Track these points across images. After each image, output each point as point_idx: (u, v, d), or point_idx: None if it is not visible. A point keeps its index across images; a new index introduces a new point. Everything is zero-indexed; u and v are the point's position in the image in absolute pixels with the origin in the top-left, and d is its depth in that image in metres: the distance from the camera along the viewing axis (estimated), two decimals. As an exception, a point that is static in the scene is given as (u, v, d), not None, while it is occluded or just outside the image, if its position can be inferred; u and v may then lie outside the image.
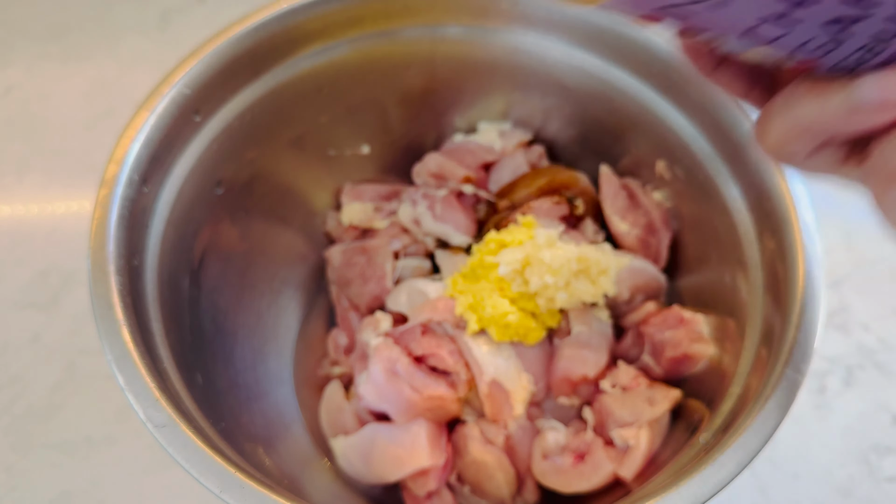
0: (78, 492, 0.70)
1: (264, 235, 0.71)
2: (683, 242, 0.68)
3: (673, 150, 0.64)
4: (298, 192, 0.74)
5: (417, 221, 0.73)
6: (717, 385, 0.56)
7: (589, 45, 0.65)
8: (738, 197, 0.59)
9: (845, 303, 0.80)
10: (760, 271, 0.56)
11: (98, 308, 0.47)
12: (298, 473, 0.61)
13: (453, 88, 0.73)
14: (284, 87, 0.65)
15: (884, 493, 0.70)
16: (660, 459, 0.56)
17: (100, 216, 0.51)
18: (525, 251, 0.59)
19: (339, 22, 0.64)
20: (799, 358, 0.48)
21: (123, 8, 1.08)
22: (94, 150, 0.93)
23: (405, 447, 0.59)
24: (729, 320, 0.58)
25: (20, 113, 0.97)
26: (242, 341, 0.67)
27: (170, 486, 0.70)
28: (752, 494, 0.70)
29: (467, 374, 0.61)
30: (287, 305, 0.75)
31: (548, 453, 0.59)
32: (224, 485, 0.43)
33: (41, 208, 0.89)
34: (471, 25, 0.67)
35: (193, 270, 0.61)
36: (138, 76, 1.00)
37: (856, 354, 0.77)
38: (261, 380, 0.68)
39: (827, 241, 0.86)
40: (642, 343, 0.63)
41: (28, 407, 0.74)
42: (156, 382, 0.46)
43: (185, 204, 0.59)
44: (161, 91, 0.56)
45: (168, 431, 0.44)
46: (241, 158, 0.65)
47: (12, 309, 0.81)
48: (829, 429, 0.73)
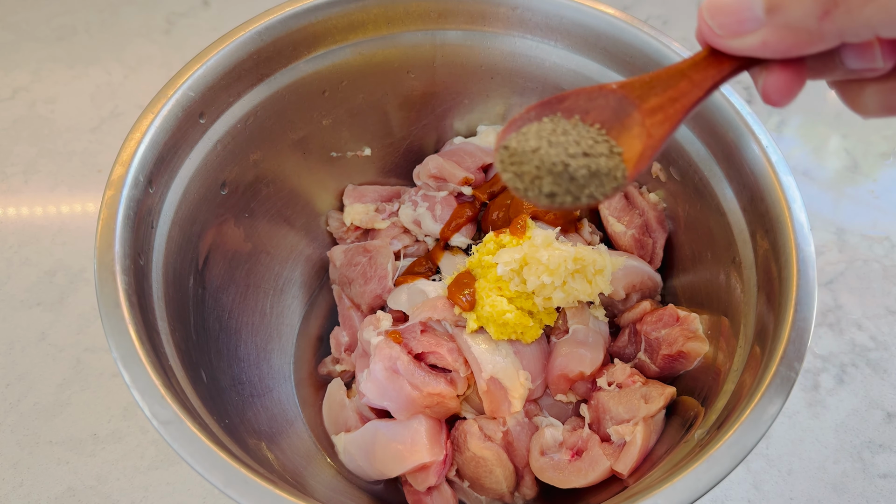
0: (84, 488, 0.71)
1: (268, 235, 0.72)
2: (678, 242, 0.69)
3: (668, 151, 0.65)
4: (301, 194, 0.75)
5: (418, 222, 0.74)
6: (712, 382, 0.57)
7: (586, 50, 0.66)
8: (733, 198, 0.59)
9: (838, 301, 0.81)
10: (754, 271, 0.56)
11: (104, 307, 0.48)
12: (301, 469, 0.62)
13: (453, 92, 0.74)
14: (287, 91, 0.66)
15: (877, 489, 0.70)
16: (655, 455, 0.56)
17: (106, 217, 0.51)
18: (523, 251, 0.60)
19: (341, 26, 0.65)
20: (792, 356, 0.48)
21: (129, 12, 1.09)
22: (100, 152, 0.95)
23: (406, 443, 0.60)
24: (723, 319, 0.59)
25: (27, 115, 0.98)
26: (246, 339, 0.68)
27: (175, 481, 0.71)
28: (747, 490, 0.70)
29: (466, 372, 0.62)
30: (290, 304, 0.76)
31: (545, 449, 0.60)
32: (228, 480, 0.43)
33: (48, 209, 0.90)
34: (470, 30, 0.68)
35: (198, 270, 0.62)
36: (144, 79, 1.02)
37: (849, 352, 0.78)
38: (264, 377, 0.68)
39: (820, 240, 0.87)
40: (638, 341, 0.64)
41: (35, 404, 0.75)
42: (161, 380, 0.46)
43: (190, 204, 0.60)
44: (166, 94, 0.56)
45: (173, 428, 0.44)
46: (245, 160, 0.66)
47: (20, 308, 0.82)
48: (823, 426, 0.74)
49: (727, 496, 0.70)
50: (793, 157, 0.93)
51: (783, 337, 0.49)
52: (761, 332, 0.53)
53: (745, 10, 0.33)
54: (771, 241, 0.55)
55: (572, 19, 0.64)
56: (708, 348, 0.60)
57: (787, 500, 0.70)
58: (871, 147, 0.94)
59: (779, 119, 0.97)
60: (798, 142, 0.96)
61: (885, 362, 0.77)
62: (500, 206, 0.71)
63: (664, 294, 0.70)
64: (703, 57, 0.37)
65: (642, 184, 0.71)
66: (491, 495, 0.62)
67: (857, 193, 0.90)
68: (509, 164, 0.38)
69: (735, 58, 0.36)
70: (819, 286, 0.80)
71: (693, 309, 0.62)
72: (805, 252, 0.52)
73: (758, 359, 0.51)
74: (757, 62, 0.36)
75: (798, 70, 0.35)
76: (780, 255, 0.53)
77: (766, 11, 0.32)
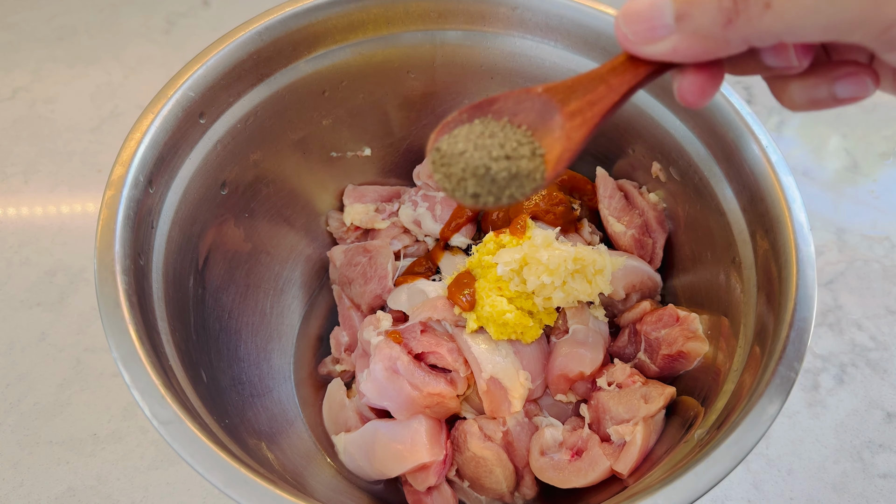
0: (84, 488, 0.71)
1: (268, 235, 0.72)
2: (678, 242, 0.69)
3: (668, 152, 0.65)
4: (301, 194, 0.75)
5: (418, 222, 0.74)
6: (712, 382, 0.57)
7: (585, 50, 0.66)
8: (732, 198, 0.59)
9: (838, 302, 0.81)
10: (754, 271, 0.56)
11: (104, 307, 0.48)
12: (301, 469, 0.62)
13: (453, 92, 0.74)
14: (287, 91, 0.66)
15: (877, 489, 0.70)
16: (655, 455, 0.56)
17: (106, 217, 0.51)
18: (523, 251, 0.60)
19: (341, 26, 0.65)
20: (792, 356, 0.48)
21: (129, 11, 1.09)
22: (100, 152, 0.95)
23: (406, 443, 0.60)
24: (723, 319, 0.59)
25: (27, 115, 0.98)
26: (246, 339, 0.68)
27: (175, 481, 0.71)
28: (747, 490, 0.70)
29: (466, 372, 0.62)
30: (290, 304, 0.76)
31: (545, 449, 0.60)
32: (229, 480, 0.43)
33: (48, 209, 0.90)
34: (470, 30, 0.68)
35: (198, 270, 0.62)
36: (144, 79, 1.02)
37: (849, 352, 0.78)
38: (264, 377, 0.69)
39: (820, 240, 0.87)
40: (638, 341, 0.64)
41: (35, 404, 0.75)
42: (161, 380, 0.46)
43: (190, 205, 0.60)
44: (166, 94, 0.56)
45: (173, 428, 0.44)
46: (245, 160, 0.66)
47: (20, 308, 0.82)
48: (823, 426, 0.74)
49: (727, 496, 0.70)
50: (793, 157, 0.93)
51: (783, 337, 0.49)
52: (761, 332, 0.53)
53: (655, 17, 0.34)
54: (771, 242, 0.55)
55: (572, 19, 0.64)
56: (708, 348, 0.60)
57: (787, 500, 0.70)
58: (871, 147, 0.94)
59: (778, 119, 0.98)
60: (798, 142, 0.96)
61: (885, 362, 0.77)
62: (500, 206, 0.71)
63: (664, 294, 0.70)
64: (621, 62, 0.38)
65: (642, 184, 0.71)
66: (491, 495, 0.62)
67: (857, 193, 0.90)
68: (440, 166, 0.41)
69: (651, 62, 0.37)
70: (819, 286, 0.80)
71: (693, 309, 0.62)
72: (805, 252, 0.52)
73: (758, 359, 0.51)
74: (672, 66, 0.37)
75: (712, 72, 0.36)
76: (780, 256, 0.53)
77: (675, 19, 0.34)
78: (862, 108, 0.96)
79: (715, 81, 0.37)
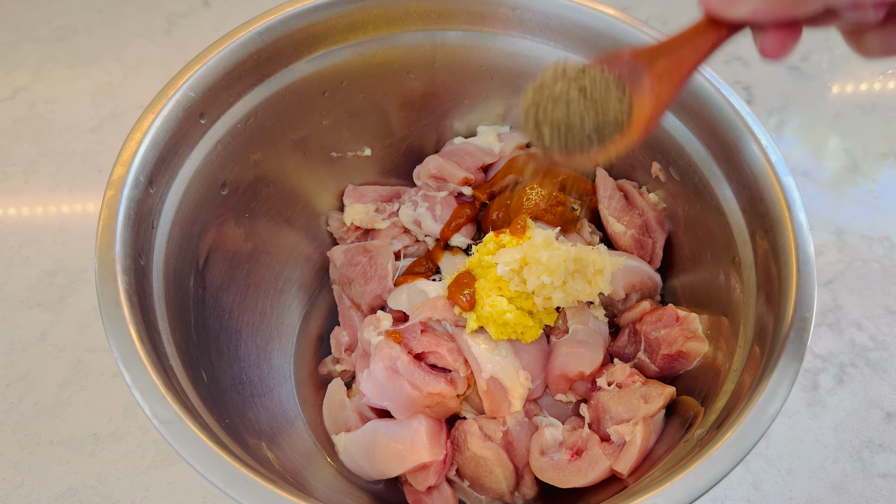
0: (84, 487, 0.71)
1: (268, 235, 0.72)
2: (678, 242, 0.69)
3: (668, 152, 0.65)
4: (302, 194, 0.75)
5: (418, 222, 0.74)
6: (712, 382, 0.57)
7: (585, 50, 0.66)
8: (732, 198, 0.59)
9: (838, 302, 0.81)
10: (754, 271, 0.57)
11: (105, 307, 0.48)
12: (302, 469, 0.62)
13: (453, 92, 0.74)
14: (288, 91, 0.66)
15: (876, 489, 0.70)
16: (655, 455, 0.56)
17: (107, 217, 0.51)
18: (522, 251, 0.60)
19: (341, 27, 0.65)
20: (792, 356, 0.48)
21: (129, 12, 1.09)
22: (100, 152, 0.95)
23: (406, 443, 0.60)
24: (723, 319, 0.59)
25: (27, 115, 0.98)
26: (247, 339, 0.68)
27: (175, 481, 0.71)
28: (747, 489, 0.70)
29: (466, 372, 0.62)
30: (290, 304, 0.76)
31: (545, 449, 0.60)
32: (229, 480, 0.43)
33: (48, 209, 0.90)
34: (470, 30, 0.68)
35: (199, 270, 0.62)
36: (144, 79, 1.02)
37: (848, 352, 0.78)
38: (265, 377, 0.69)
39: (819, 240, 0.87)
40: (638, 341, 0.64)
41: (35, 404, 0.75)
42: (161, 380, 0.46)
43: (190, 205, 0.60)
44: (167, 94, 0.56)
45: (174, 428, 0.44)
46: (245, 160, 0.66)
47: (20, 308, 0.82)
48: (823, 425, 0.74)
49: (727, 496, 0.70)
50: (792, 157, 0.93)
51: (783, 337, 0.50)
52: (761, 332, 0.53)
53: None
54: (770, 242, 0.55)
55: (572, 19, 0.65)
56: (707, 348, 0.60)
57: (787, 499, 0.70)
58: (871, 147, 0.94)
59: (778, 119, 0.98)
60: (798, 142, 0.96)
61: (885, 362, 0.77)
62: (500, 206, 0.71)
63: (664, 294, 0.70)
64: (704, 25, 0.41)
65: (642, 184, 0.71)
66: (491, 495, 0.62)
67: (856, 193, 0.90)
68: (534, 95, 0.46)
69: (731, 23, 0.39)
70: (819, 286, 0.80)
71: (693, 309, 0.62)
72: (805, 252, 0.52)
73: (757, 359, 0.52)
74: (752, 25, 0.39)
75: (791, 28, 0.38)
76: (780, 256, 0.53)
77: None
78: (862, 109, 0.96)
79: (794, 36, 0.38)
